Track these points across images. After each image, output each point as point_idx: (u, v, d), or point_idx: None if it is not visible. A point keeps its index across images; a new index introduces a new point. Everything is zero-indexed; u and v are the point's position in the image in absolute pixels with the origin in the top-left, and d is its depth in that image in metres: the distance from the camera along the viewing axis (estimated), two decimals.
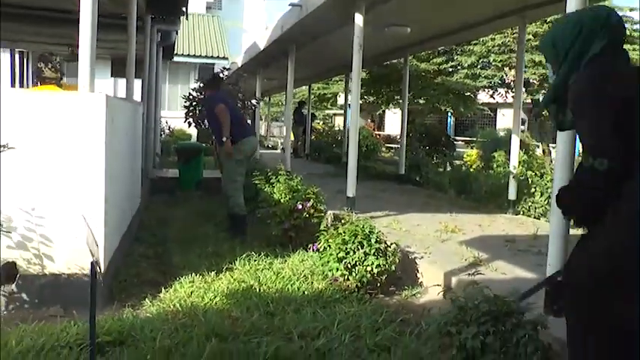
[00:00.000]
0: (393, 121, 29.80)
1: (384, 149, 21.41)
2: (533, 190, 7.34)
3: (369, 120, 33.95)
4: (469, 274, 3.90)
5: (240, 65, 15.78)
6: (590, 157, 1.83)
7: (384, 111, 26.94)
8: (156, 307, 3.85)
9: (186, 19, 9.76)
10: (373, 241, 4.33)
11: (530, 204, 7.36)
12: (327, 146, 16.79)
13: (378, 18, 7.36)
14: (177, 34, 11.16)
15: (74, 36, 8.71)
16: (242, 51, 18.81)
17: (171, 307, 3.82)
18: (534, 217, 7.16)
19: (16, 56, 13.13)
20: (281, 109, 36.29)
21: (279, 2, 10.44)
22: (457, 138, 22.12)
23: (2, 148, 2.39)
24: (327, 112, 35.78)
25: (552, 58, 2.12)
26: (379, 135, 26.63)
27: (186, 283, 4.32)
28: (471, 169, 12.53)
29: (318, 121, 29.66)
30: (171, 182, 9.56)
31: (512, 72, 14.02)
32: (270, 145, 24.23)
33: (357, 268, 4.25)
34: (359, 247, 4.29)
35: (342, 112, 18.91)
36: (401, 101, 11.83)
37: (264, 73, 14.82)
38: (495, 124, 26.61)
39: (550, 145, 14.75)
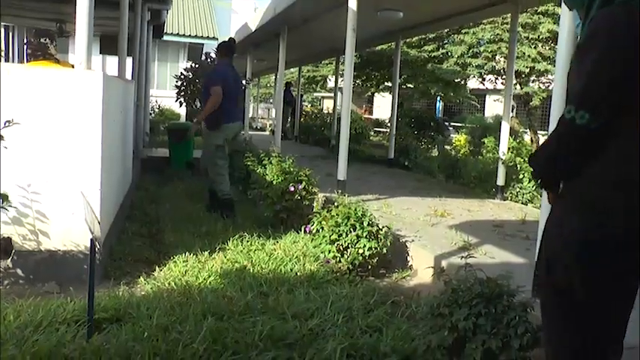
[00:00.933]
0: (382, 105, 29.78)
1: (372, 133, 21.45)
2: (521, 176, 7.43)
3: (365, 106, 33.93)
4: (460, 257, 3.97)
5: None
6: (573, 107, 1.63)
7: (372, 94, 26.94)
8: (151, 285, 3.89)
9: None
10: (366, 223, 4.37)
11: (518, 190, 7.45)
12: (316, 129, 16.78)
13: (371, 1, 7.34)
14: (167, 12, 11.06)
15: (62, 11, 8.55)
16: (231, 32, 18.65)
17: (166, 285, 3.86)
18: (522, 203, 7.27)
19: (2, 30, 12.93)
20: (269, 91, 36.13)
21: None
22: (446, 123, 22.18)
23: (7, 124, 2.39)
24: (315, 94, 35.72)
25: (579, 5, 1.87)
26: (368, 119, 26.67)
27: (180, 262, 4.35)
28: (460, 154, 12.63)
29: (306, 104, 29.60)
30: (161, 162, 9.53)
31: (503, 60, 14.08)
32: (258, 127, 24.12)
33: (349, 250, 4.30)
34: (351, 229, 4.33)
35: (332, 95, 18.89)
36: (391, 86, 11.84)
37: (254, 55, 14.73)
38: (484, 111, 26.71)
39: (538, 132, 14.89)
